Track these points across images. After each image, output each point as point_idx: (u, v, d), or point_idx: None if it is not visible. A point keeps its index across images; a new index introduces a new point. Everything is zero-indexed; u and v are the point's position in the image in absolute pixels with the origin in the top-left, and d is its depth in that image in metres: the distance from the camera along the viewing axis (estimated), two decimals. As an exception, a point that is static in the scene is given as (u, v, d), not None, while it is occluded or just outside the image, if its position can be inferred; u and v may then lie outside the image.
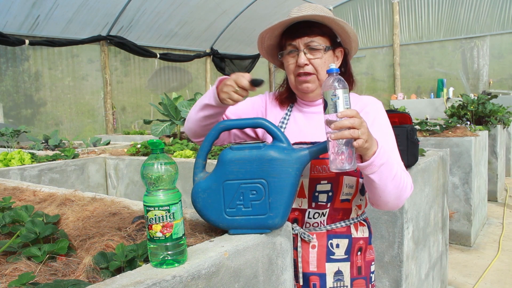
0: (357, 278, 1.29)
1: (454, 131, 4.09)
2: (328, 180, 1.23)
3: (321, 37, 1.25)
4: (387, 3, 9.98)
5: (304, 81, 1.27)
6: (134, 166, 3.29)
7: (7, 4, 6.08)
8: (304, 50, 1.24)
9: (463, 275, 3.31)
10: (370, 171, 1.06)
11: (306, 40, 1.24)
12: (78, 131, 7.45)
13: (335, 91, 0.95)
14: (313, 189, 1.24)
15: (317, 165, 1.23)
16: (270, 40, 1.33)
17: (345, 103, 0.96)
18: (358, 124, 0.95)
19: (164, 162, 0.82)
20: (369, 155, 1.03)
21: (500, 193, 5.40)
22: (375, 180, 1.08)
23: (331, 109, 0.96)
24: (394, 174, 1.10)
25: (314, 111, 1.34)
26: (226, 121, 1.04)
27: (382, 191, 1.12)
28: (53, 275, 0.86)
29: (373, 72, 10.44)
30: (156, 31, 8.39)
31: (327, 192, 1.24)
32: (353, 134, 0.94)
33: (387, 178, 1.09)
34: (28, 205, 1.24)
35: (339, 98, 0.95)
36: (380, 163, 1.05)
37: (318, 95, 1.31)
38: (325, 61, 1.26)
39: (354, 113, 0.95)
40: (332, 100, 0.95)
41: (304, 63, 1.24)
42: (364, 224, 1.34)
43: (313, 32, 1.24)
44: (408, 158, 2.19)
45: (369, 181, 1.11)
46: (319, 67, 1.25)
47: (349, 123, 0.94)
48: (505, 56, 8.92)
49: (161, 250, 0.81)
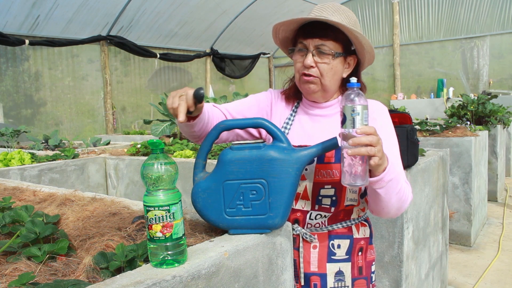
0: (358, 278, 1.29)
1: (454, 131, 4.09)
2: (332, 185, 1.22)
3: (333, 42, 1.21)
4: (387, 3, 9.98)
5: (307, 81, 1.25)
6: (134, 166, 3.29)
7: (7, 4, 6.08)
8: (313, 51, 1.21)
9: (463, 275, 3.31)
10: (378, 186, 1.08)
11: (317, 42, 1.21)
12: (78, 131, 7.45)
13: (355, 106, 0.95)
14: (316, 193, 1.24)
15: (322, 169, 1.22)
16: (285, 33, 1.30)
17: (364, 119, 0.96)
18: (375, 142, 0.96)
19: (164, 162, 0.82)
20: (380, 171, 1.04)
21: (500, 193, 5.40)
22: (381, 194, 1.10)
23: (349, 124, 0.96)
24: (399, 188, 1.12)
25: (321, 113, 1.32)
26: (226, 121, 1.04)
27: (386, 204, 1.14)
28: (53, 275, 0.86)
29: (373, 72, 10.43)
30: (156, 31, 8.39)
31: (330, 197, 1.24)
32: (370, 151, 0.95)
33: (392, 192, 1.11)
34: (28, 205, 1.24)
35: (359, 114, 0.96)
36: (389, 179, 1.06)
37: (321, 97, 1.30)
38: (332, 67, 1.23)
39: (372, 131, 0.96)
40: (352, 115, 0.96)
41: (310, 65, 1.21)
42: (365, 225, 1.34)
43: (327, 35, 1.21)
44: (408, 158, 2.19)
45: (374, 194, 1.12)
46: (324, 72, 1.22)
47: (367, 140, 0.95)
48: (505, 56, 8.92)
49: (161, 250, 0.81)
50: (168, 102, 1.03)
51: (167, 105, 1.03)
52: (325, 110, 1.32)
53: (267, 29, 10.10)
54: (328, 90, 1.27)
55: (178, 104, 1.00)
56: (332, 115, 1.31)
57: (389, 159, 1.07)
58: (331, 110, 1.32)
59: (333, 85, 1.28)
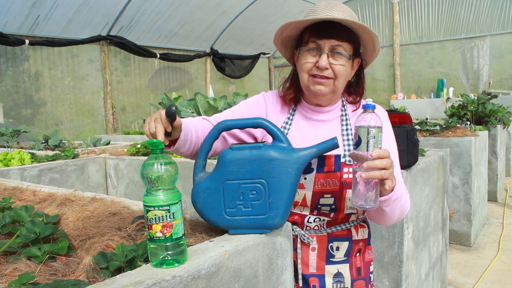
0: (357, 279, 1.29)
1: (454, 131, 4.09)
2: (332, 194, 1.20)
3: (348, 44, 1.18)
4: (387, 3, 9.98)
5: (319, 83, 1.19)
6: (134, 166, 3.29)
7: (7, 4, 6.08)
8: (328, 52, 1.17)
9: (463, 275, 3.31)
10: (385, 205, 1.08)
11: (334, 43, 1.16)
12: (78, 131, 7.45)
13: (370, 129, 0.95)
14: (316, 202, 1.22)
15: (321, 178, 1.20)
16: (292, 31, 1.24)
17: (378, 142, 0.96)
18: (389, 165, 0.95)
19: (164, 162, 0.82)
20: (388, 191, 1.03)
21: (500, 193, 5.40)
22: (387, 210, 1.11)
23: (363, 147, 0.96)
24: (402, 202, 1.13)
25: (320, 118, 1.28)
26: (226, 121, 1.04)
27: (389, 218, 1.16)
28: (53, 275, 0.86)
29: (373, 72, 10.43)
30: (156, 31, 8.39)
31: (330, 205, 1.23)
32: (383, 175, 0.95)
33: (396, 207, 1.12)
34: (28, 205, 1.24)
35: (374, 137, 0.95)
36: (396, 198, 1.07)
37: (329, 100, 1.26)
38: (347, 69, 1.19)
39: (386, 154, 0.96)
40: (367, 138, 0.96)
41: (325, 67, 1.16)
42: (364, 226, 1.33)
43: (343, 36, 1.17)
44: (408, 158, 2.19)
45: (379, 210, 1.14)
46: (339, 74, 1.18)
47: (381, 164, 0.94)
48: (505, 56, 8.92)
49: (161, 250, 0.80)
50: (145, 130, 1.02)
51: (145, 132, 1.02)
52: (325, 115, 1.28)
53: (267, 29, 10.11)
54: (337, 92, 1.24)
55: (154, 127, 0.99)
56: (331, 120, 1.28)
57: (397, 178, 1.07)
58: (331, 115, 1.28)
59: (342, 88, 1.24)
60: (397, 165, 1.23)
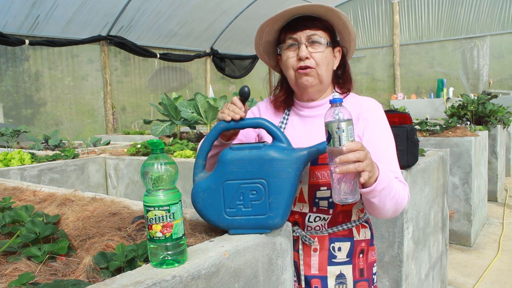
0: (359, 280, 1.28)
1: (454, 131, 4.09)
2: (327, 186, 1.21)
3: (323, 32, 1.23)
4: (387, 3, 9.98)
5: (305, 74, 1.23)
6: (134, 166, 3.29)
7: (7, 4, 6.08)
8: (306, 43, 1.22)
9: (463, 275, 3.31)
10: (371, 196, 1.06)
11: (308, 33, 1.22)
12: (78, 131, 7.45)
13: (339, 124, 0.94)
14: (313, 195, 1.23)
15: (316, 171, 1.20)
16: (269, 35, 1.30)
17: (349, 136, 0.94)
18: (363, 157, 0.94)
19: (164, 162, 0.82)
20: (371, 182, 1.02)
21: (500, 193, 5.40)
22: (375, 202, 1.09)
23: (335, 142, 0.95)
24: (393, 193, 1.10)
25: (312, 114, 1.31)
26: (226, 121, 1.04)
27: (381, 210, 1.13)
28: (53, 275, 0.86)
29: (373, 72, 10.44)
30: (156, 31, 8.39)
31: (327, 199, 1.23)
32: (358, 167, 0.94)
33: (386, 199, 1.09)
34: (28, 205, 1.24)
35: (344, 131, 0.94)
36: (381, 188, 1.05)
37: (318, 91, 1.28)
38: (326, 56, 1.24)
39: (359, 146, 0.94)
40: (337, 133, 0.94)
41: (306, 56, 1.21)
42: (366, 226, 1.33)
43: (315, 25, 1.22)
44: (408, 158, 2.19)
45: (368, 202, 1.11)
46: (320, 61, 1.22)
47: (354, 157, 0.93)
48: (505, 56, 8.92)
49: (161, 250, 0.81)
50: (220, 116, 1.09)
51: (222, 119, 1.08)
52: (316, 110, 1.30)
53: (267, 29, 10.08)
54: (324, 81, 1.26)
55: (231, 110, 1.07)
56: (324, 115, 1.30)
57: (381, 168, 1.05)
58: (323, 109, 1.29)
59: (328, 76, 1.28)
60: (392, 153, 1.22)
